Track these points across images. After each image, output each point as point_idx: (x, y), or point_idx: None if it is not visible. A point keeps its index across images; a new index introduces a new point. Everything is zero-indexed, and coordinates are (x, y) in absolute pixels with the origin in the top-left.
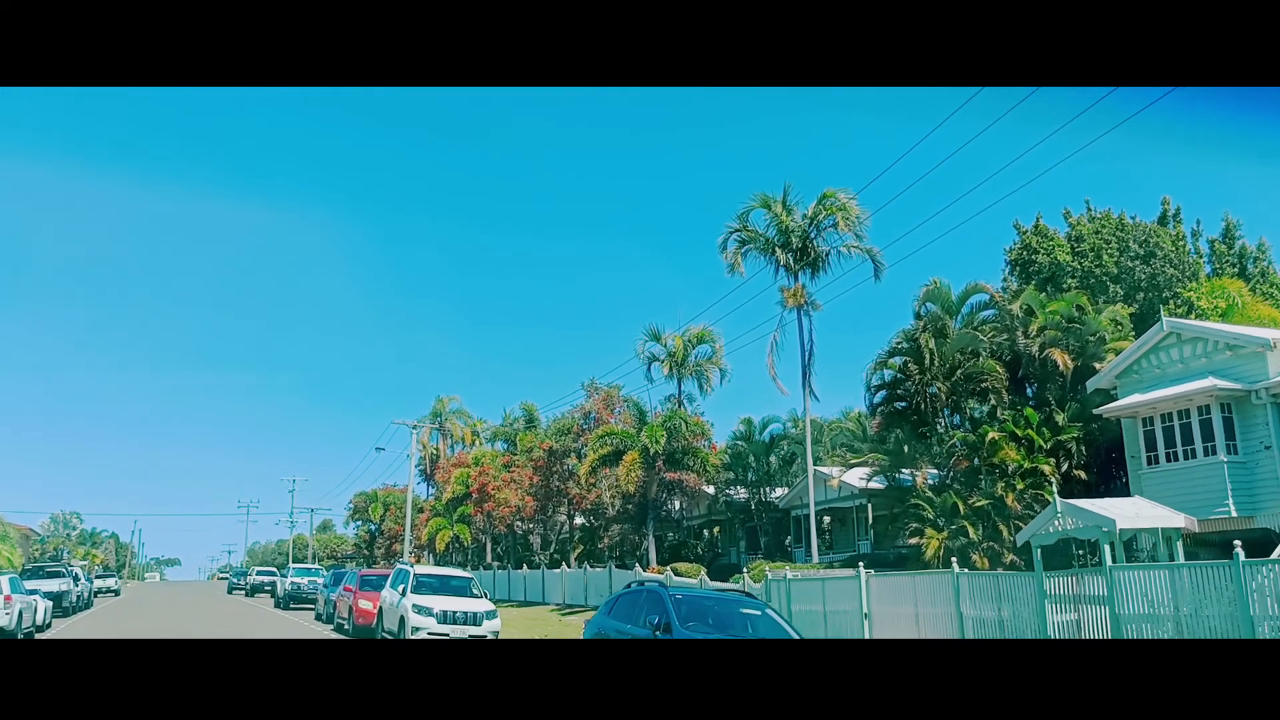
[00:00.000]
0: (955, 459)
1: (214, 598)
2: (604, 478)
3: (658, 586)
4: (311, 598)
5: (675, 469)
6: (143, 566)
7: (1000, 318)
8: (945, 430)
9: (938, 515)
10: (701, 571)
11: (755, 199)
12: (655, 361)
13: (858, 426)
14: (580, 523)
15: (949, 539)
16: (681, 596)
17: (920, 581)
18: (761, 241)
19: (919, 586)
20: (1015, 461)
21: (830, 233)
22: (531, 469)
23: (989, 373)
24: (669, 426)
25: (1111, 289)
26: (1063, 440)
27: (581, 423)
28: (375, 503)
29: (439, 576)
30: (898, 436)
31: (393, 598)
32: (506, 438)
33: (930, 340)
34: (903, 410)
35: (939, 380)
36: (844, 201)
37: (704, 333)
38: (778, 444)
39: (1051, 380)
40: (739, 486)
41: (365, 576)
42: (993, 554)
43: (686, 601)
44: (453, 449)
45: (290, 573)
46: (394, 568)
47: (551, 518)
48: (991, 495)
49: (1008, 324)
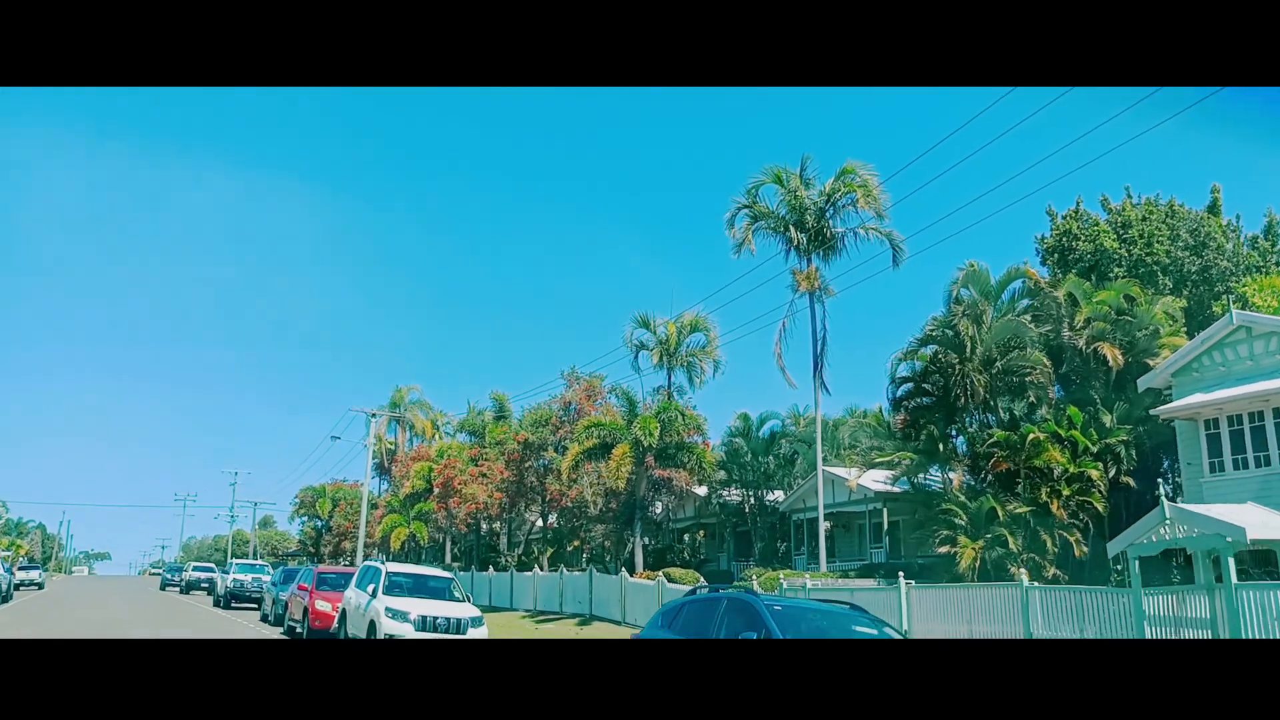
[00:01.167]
0: (993, 460)
1: (145, 594)
2: (585, 474)
3: (744, 594)
4: (256, 596)
5: (667, 465)
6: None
7: (1043, 307)
8: (979, 429)
9: (971, 522)
10: (700, 579)
11: (766, 173)
12: (643, 350)
13: (878, 423)
14: (549, 523)
15: (985, 548)
16: (782, 608)
17: (976, 595)
18: (772, 220)
19: (974, 601)
20: (1061, 465)
21: (847, 213)
22: (503, 463)
23: (1034, 366)
24: (662, 419)
25: (1160, 280)
26: (1110, 443)
27: (561, 414)
28: (323, 498)
29: (415, 576)
30: (930, 434)
31: (359, 599)
32: (474, 430)
33: (971, 328)
34: (932, 405)
35: (977, 373)
36: (864, 178)
37: (698, 320)
38: (778, 441)
39: (1096, 377)
40: (733, 487)
41: (323, 574)
42: (1034, 566)
43: (788, 614)
44: (412, 443)
45: (232, 568)
46: (361, 565)
47: (520, 516)
48: (1034, 501)
49: (1053, 314)
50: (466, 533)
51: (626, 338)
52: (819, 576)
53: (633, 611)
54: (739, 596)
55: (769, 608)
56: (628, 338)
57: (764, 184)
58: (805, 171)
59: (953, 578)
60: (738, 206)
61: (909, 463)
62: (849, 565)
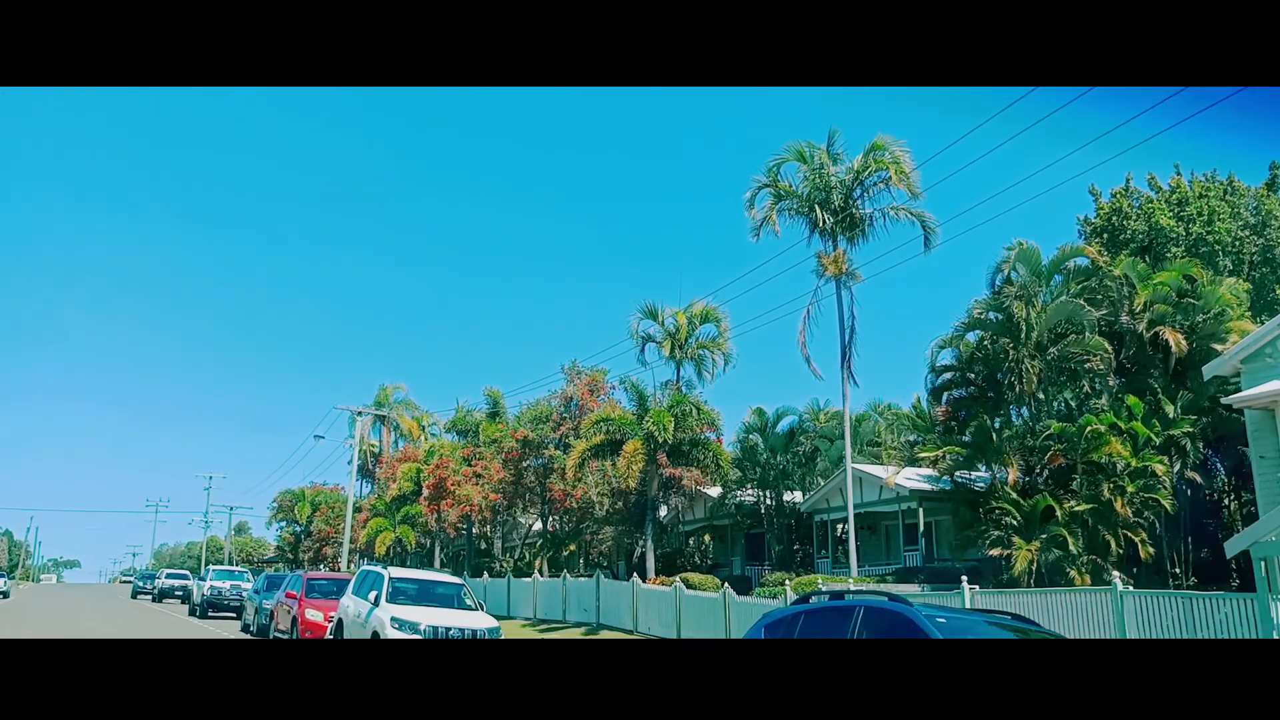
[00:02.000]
0: (1049, 454)
1: (116, 603)
2: (590, 472)
3: (891, 603)
4: (236, 605)
5: (680, 463)
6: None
7: (1099, 289)
8: (1030, 420)
9: (1025, 522)
10: (725, 585)
11: (788, 150)
12: (650, 343)
13: (919, 415)
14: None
15: (1041, 550)
16: (946, 620)
17: (1056, 601)
18: (795, 201)
19: (1054, 608)
20: (1124, 459)
21: (877, 192)
22: (501, 462)
23: (1094, 352)
24: (676, 413)
25: (1220, 261)
26: (1174, 435)
27: (562, 410)
28: (302, 502)
29: (421, 581)
30: (980, 425)
31: (358, 608)
32: (464, 429)
33: (1024, 310)
34: (977, 396)
35: (1030, 359)
36: (896, 154)
37: (708, 311)
38: (797, 438)
39: (1154, 364)
40: (748, 486)
41: (314, 580)
42: (1095, 569)
43: (956, 628)
44: (397, 444)
45: (209, 575)
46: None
47: (514, 520)
48: (1095, 499)
49: (1112, 296)
50: (456, 537)
51: (632, 329)
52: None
53: (646, 620)
54: (885, 606)
55: (931, 620)
56: (633, 329)
57: (786, 162)
58: (833, 146)
59: (999, 583)
60: (758, 186)
61: (954, 458)
62: (879, 570)
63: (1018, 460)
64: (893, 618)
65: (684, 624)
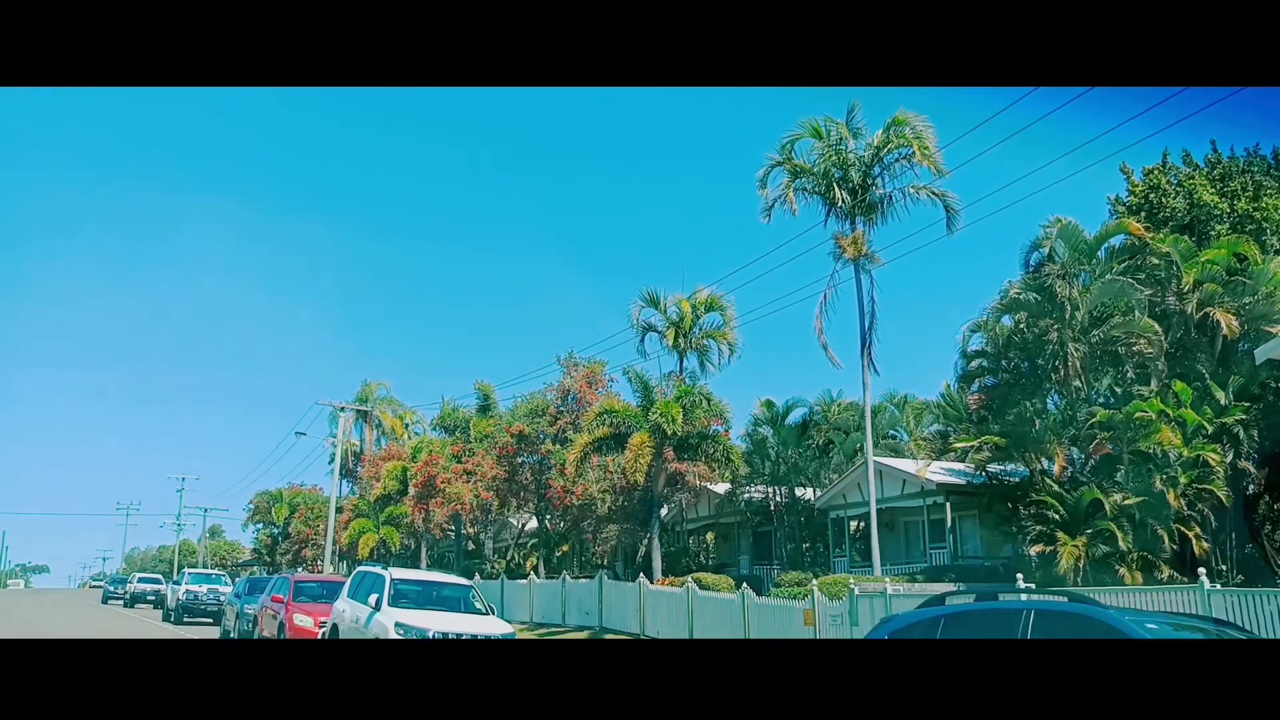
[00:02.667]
0: (1095, 444)
1: (85, 608)
2: (591, 468)
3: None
4: (213, 610)
5: (688, 457)
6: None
7: (1145, 267)
8: (1070, 408)
9: (1070, 516)
10: (743, 586)
11: (803, 126)
12: (651, 331)
13: (949, 404)
14: (549, 524)
15: (1088, 545)
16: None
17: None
18: (811, 179)
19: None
20: (1175, 447)
21: (898, 169)
22: (495, 458)
23: (1142, 334)
24: (684, 404)
25: (1267, 239)
26: (1226, 423)
27: (558, 404)
28: (280, 503)
29: (426, 583)
30: (1021, 413)
31: (356, 613)
32: (451, 426)
33: (1068, 289)
34: (1013, 382)
35: (1074, 342)
36: (919, 129)
37: (713, 299)
38: (810, 430)
39: (1200, 347)
40: (759, 482)
41: (302, 583)
42: (1145, 565)
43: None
44: (379, 442)
45: (185, 578)
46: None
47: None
48: (1145, 490)
49: (1159, 275)
50: (442, 538)
51: (633, 318)
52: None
53: (654, 624)
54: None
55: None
56: (634, 318)
57: (800, 138)
58: (852, 120)
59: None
60: (772, 163)
61: (991, 448)
62: (902, 568)
63: (1062, 450)
64: (1079, 621)
65: (696, 628)
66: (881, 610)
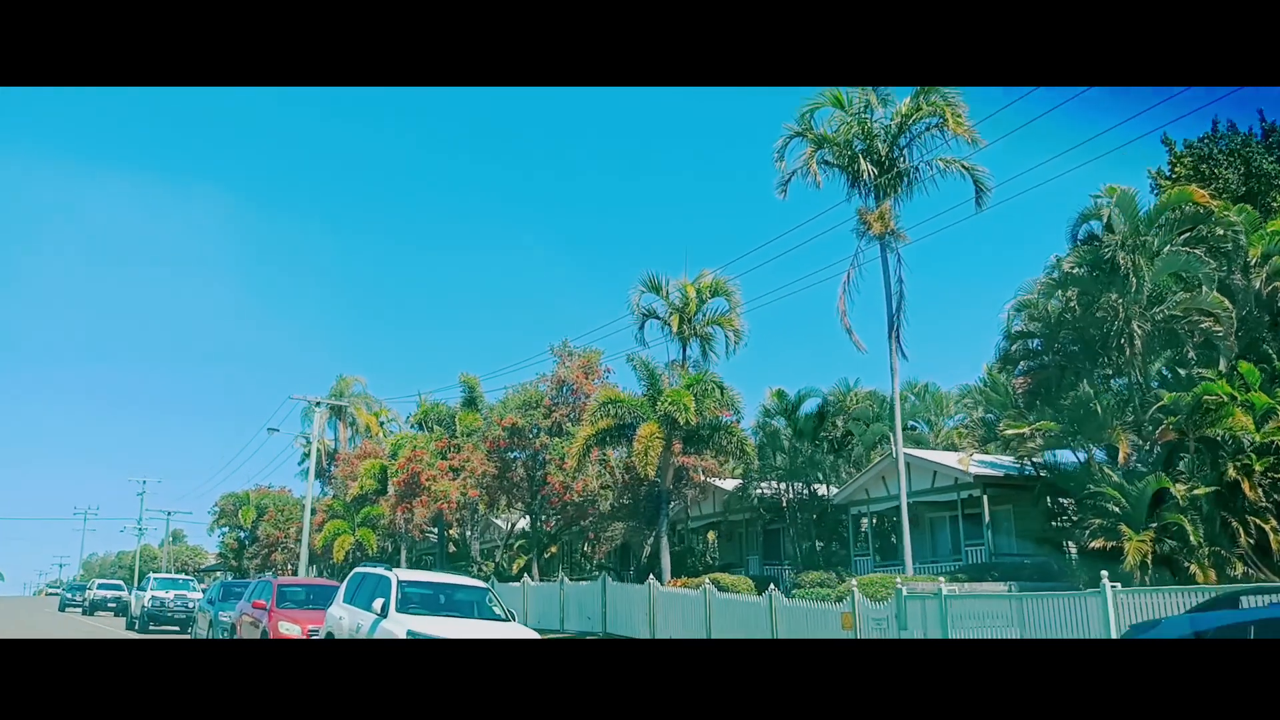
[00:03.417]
0: (1160, 429)
1: (42, 616)
2: (591, 462)
3: None
4: (182, 618)
5: (700, 449)
6: None
7: (1209, 239)
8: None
9: (1133, 508)
10: (771, 588)
11: (824, 95)
12: (652, 319)
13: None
14: (547, 523)
15: (1155, 540)
16: None
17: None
18: (834, 150)
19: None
20: (1248, 433)
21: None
22: (485, 453)
23: (1211, 310)
24: (696, 392)
25: None
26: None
27: (553, 395)
28: (247, 505)
29: (438, 586)
30: (1079, 396)
31: (356, 620)
32: (438, 419)
33: (1131, 260)
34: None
35: (1139, 319)
36: (950, 96)
37: (718, 283)
38: (828, 421)
39: (1264, 326)
40: (772, 477)
41: (286, 587)
42: (1218, 561)
43: None
44: (353, 441)
45: (150, 584)
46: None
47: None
48: (1217, 480)
49: (1225, 249)
50: (422, 540)
51: (633, 304)
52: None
53: (666, 629)
54: None
55: None
56: (634, 304)
57: (819, 108)
58: (879, 87)
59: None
60: (790, 134)
61: (1045, 435)
62: (932, 567)
63: (1127, 436)
64: None
65: (714, 633)
66: (935, 613)
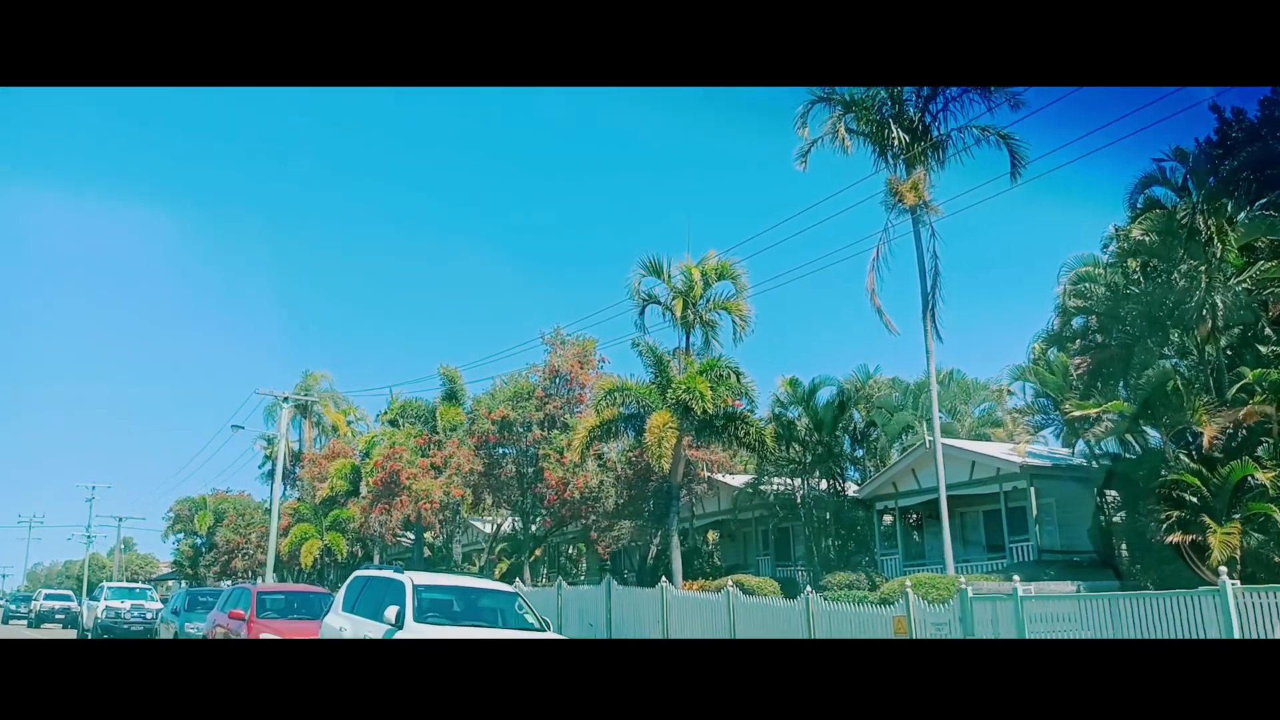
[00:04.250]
0: (1246, 410)
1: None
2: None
3: None
4: (139, 630)
5: (714, 440)
6: None
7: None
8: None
9: (1215, 498)
10: (808, 591)
11: None
12: (653, 304)
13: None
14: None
15: (1242, 533)
16: None
17: None
18: (863, 113)
19: None
20: None
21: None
22: (472, 449)
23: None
24: (710, 378)
25: None
26: None
27: (546, 386)
28: (203, 510)
29: (460, 591)
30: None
31: (365, 632)
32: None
33: (1213, 224)
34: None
35: (1221, 289)
36: None
37: (724, 265)
38: (849, 410)
39: None
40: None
41: (266, 595)
42: None
43: None
44: (318, 441)
45: (104, 593)
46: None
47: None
48: None
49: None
50: (394, 544)
51: (633, 289)
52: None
53: (682, 636)
54: None
55: None
56: (635, 289)
57: None
58: None
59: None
60: (814, 98)
61: (1115, 418)
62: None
63: (1213, 419)
64: None
65: None
66: (1006, 616)
